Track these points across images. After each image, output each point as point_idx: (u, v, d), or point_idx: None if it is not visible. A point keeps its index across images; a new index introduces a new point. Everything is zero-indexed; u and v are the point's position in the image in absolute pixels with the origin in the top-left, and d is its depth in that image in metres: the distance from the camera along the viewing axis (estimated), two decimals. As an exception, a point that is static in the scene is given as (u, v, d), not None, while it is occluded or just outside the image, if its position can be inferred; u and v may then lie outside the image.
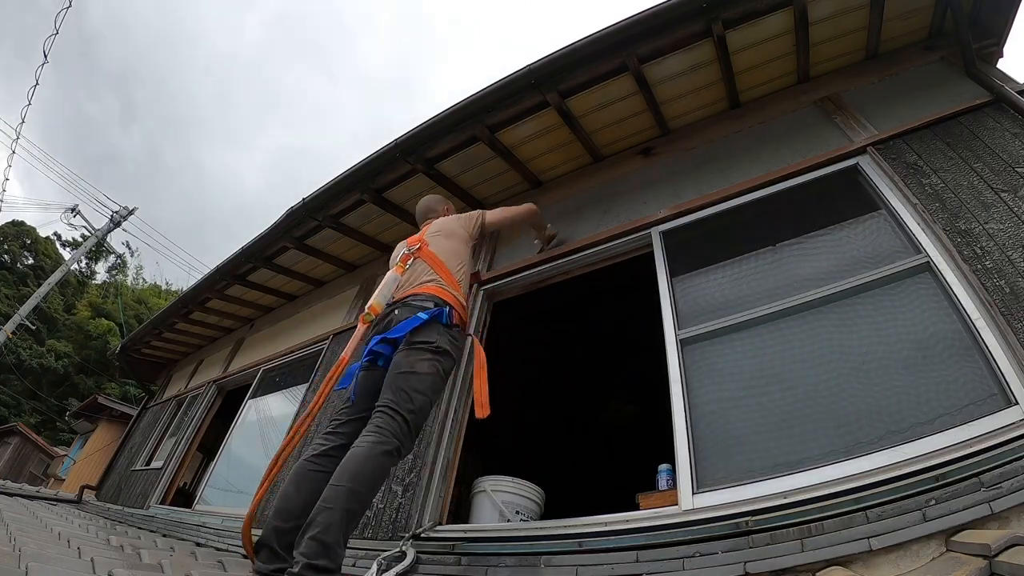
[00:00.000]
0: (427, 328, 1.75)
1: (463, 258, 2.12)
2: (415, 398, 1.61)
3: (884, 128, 2.22)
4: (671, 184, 2.73)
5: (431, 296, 1.86)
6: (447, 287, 1.93)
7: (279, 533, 1.47)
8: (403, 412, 1.57)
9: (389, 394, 1.61)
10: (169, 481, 4.44)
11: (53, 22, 7.45)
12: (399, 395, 1.60)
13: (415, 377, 1.65)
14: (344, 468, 1.46)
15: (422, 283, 1.93)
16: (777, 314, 1.96)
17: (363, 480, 1.43)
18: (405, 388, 1.61)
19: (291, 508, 1.52)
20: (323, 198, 3.35)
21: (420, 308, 1.81)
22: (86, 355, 23.49)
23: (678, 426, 1.86)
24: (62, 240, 27.86)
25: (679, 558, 1.49)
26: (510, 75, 2.60)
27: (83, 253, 15.00)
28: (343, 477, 1.43)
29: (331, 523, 1.33)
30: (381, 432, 1.52)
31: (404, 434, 1.56)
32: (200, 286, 4.80)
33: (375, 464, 1.46)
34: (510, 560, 1.77)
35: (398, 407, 1.57)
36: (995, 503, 1.17)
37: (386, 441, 1.51)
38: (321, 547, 1.29)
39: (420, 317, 1.73)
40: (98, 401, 11.21)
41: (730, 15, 2.29)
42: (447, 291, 1.91)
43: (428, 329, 1.75)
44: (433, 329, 1.76)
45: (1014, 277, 1.58)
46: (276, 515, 1.51)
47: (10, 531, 1.94)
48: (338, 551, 1.33)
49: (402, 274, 1.97)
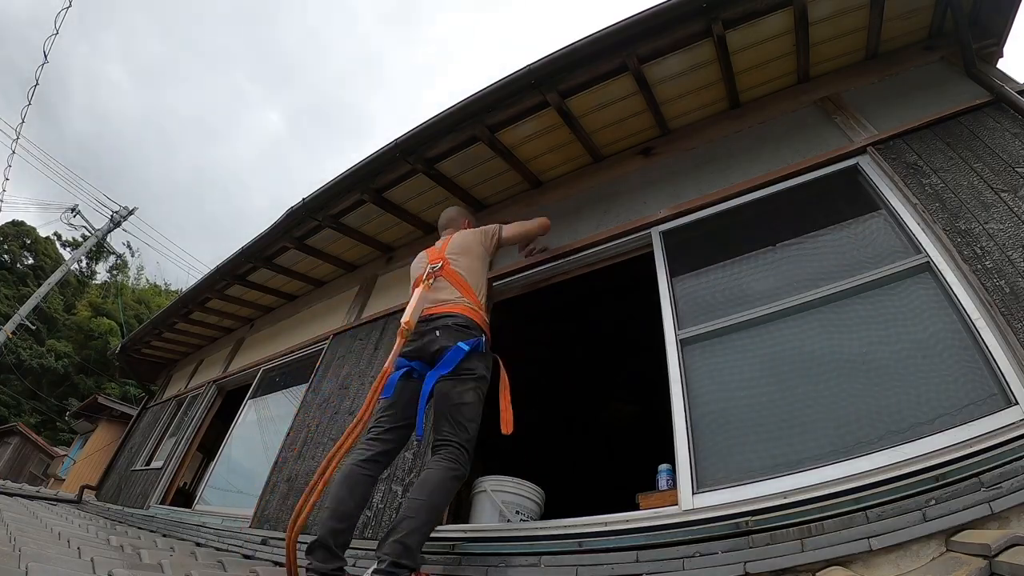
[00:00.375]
0: (469, 358, 1.88)
1: (481, 276, 2.23)
2: (469, 427, 1.80)
3: (884, 128, 2.22)
4: (671, 184, 2.73)
5: (466, 318, 1.98)
6: (475, 307, 2.05)
7: (335, 534, 1.61)
8: (463, 444, 1.76)
9: (447, 427, 1.78)
10: (169, 481, 4.44)
11: (53, 22, 7.45)
12: (458, 428, 1.77)
13: (466, 407, 1.82)
14: (423, 485, 1.64)
15: (452, 303, 2.03)
16: (777, 314, 1.96)
17: (439, 497, 1.63)
18: (461, 420, 1.79)
19: (346, 510, 1.66)
20: (323, 198, 3.35)
21: (457, 330, 1.93)
22: (86, 355, 23.49)
23: (678, 426, 1.86)
24: (62, 240, 27.88)
25: (679, 558, 1.49)
26: (510, 75, 2.60)
27: (83, 253, 15.00)
28: (423, 493, 1.62)
29: (414, 529, 1.52)
30: (453, 461, 1.71)
31: (466, 461, 1.76)
32: (200, 286, 4.79)
33: (448, 487, 1.67)
34: (510, 560, 1.77)
35: (459, 440, 1.76)
36: (995, 503, 1.17)
37: (456, 468, 1.70)
38: (404, 549, 1.47)
39: (463, 349, 1.86)
40: (98, 401, 11.21)
41: (730, 15, 2.29)
42: (477, 312, 2.04)
43: (470, 359, 1.88)
44: (474, 358, 1.90)
45: (1014, 277, 1.58)
46: (332, 516, 1.64)
47: (10, 531, 1.94)
48: (417, 555, 1.52)
49: (428, 291, 2.07)
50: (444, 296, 2.05)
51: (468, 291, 2.09)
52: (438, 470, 1.67)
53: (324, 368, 3.59)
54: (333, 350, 3.67)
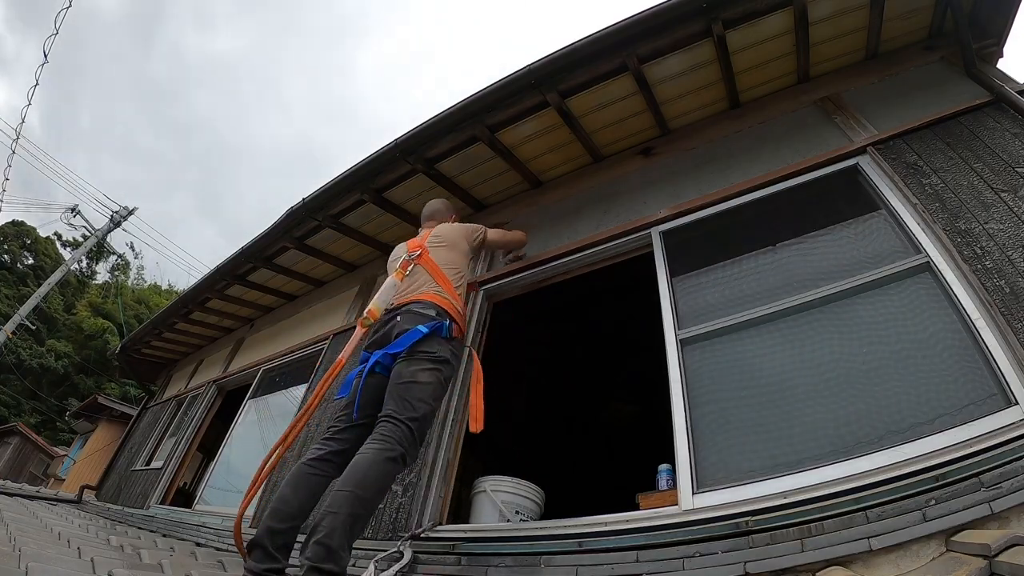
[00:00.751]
0: (428, 340, 1.78)
1: (462, 270, 2.14)
2: (418, 407, 1.65)
3: (884, 128, 2.22)
4: (671, 184, 2.73)
5: (432, 304, 1.88)
6: (447, 296, 1.95)
7: (273, 533, 1.48)
8: (407, 420, 1.61)
9: (392, 404, 1.65)
10: (169, 481, 4.44)
11: (53, 22, 7.45)
12: (402, 404, 1.64)
13: (417, 387, 1.68)
14: (349, 474, 1.48)
15: (423, 291, 1.95)
16: (777, 314, 1.96)
17: (368, 485, 1.45)
18: (408, 398, 1.65)
19: (287, 510, 1.53)
20: (323, 198, 3.35)
21: (422, 316, 1.83)
22: (86, 355, 23.49)
23: (678, 426, 1.85)
24: (62, 240, 27.87)
25: (679, 558, 1.49)
26: (510, 75, 2.60)
27: (83, 253, 15.01)
28: (348, 483, 1.45)
29: (336, 527, 1.35)
30: (386, 439, 1.55)
31: (408, 441, 1.59)
32: (200, 286, 4.79)
33: (380, 470, 1.49)
34: (510, 560, 1.77)
35: (402, 415, 1.61)
36: (995, 503, 1.17)
37: (391, 448, 1.54)
38: (326, 551, 1.31)
39: (420, 331, 1.76)
40: (98, 401, 11.21)
41: (730, 15, 2.29)
42: (447, 300, 1.93)
43: (429, 341, 1.78)
44: (434, 341, 1.79)
45: (1014, 277, 1.58)
46: (271, 516, 1.52)
47: (10, 531, 1.94)
48: (343, 555, 1.35)
49: (402, 280, 1.99)
50: (417, 285, 1.97)
51: (444, 281, 2.00)
52: (368, 453, 1.51)
53: (324, 368, 3.59)
54: (333, 350, 3.67)
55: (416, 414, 1.63)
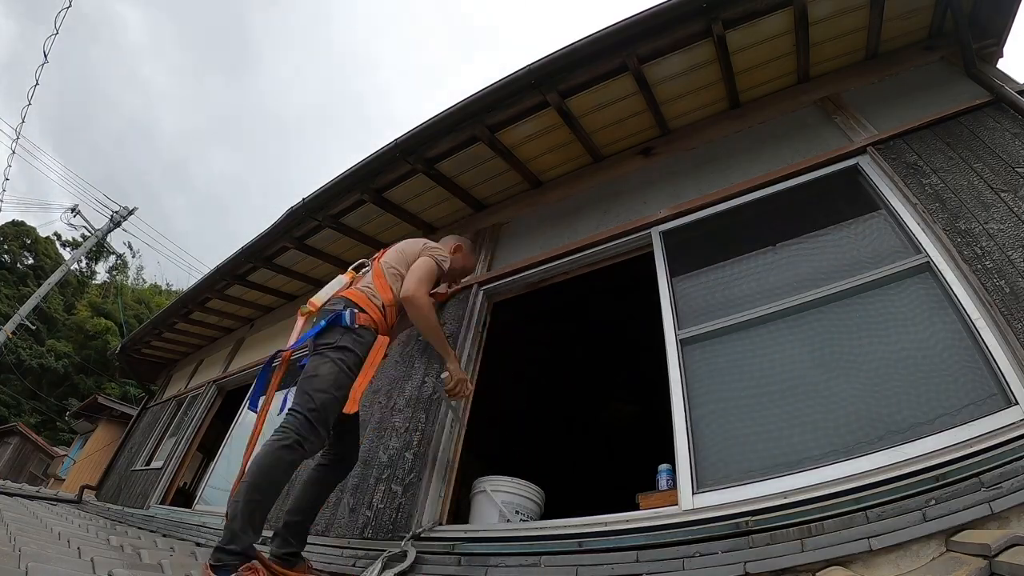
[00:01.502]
0: (327, 332, 1.87)
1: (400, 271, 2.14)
2: (316, 397, 1.74)
3: (884, 128, 2.22)
4: (671, 184, 2.73)
5: (343, 299, 1.96)
6: (369, 294, 2.01)
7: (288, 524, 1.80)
8: (304, 411, 1.71)
9: (296, 396, 1.77)
10: (169, 481, 4.44)
11: (53, 22, 7.45)
12: (302, 397, 1.75)
13: (316, 379, 1.78)
14: (249, 465, 1.63)
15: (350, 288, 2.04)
16: (777, 314, 1.96)
17: (261, 473, 1.59)
18: (308, 390, 1.75)
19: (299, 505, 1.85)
20: (323, 198, 3.35)
21: (329, 311, 1.92)
22: (86, 355, 23.50)
23: (678, 426, 1.86)
24: (62, 240, 27.87)
25: (679, 558, 1.48)
26: (510, 75, 2.60)
27: (83, 253, 15.00)
28: (248, 474, 1.61)
29: (237, 513, 1.53)
30: (283, 430, 1.67)
31: (306, 429, 1.69)
32: (200, 286, 4.80)
33: (271, 459, 1.62)
34: (510, 560, 1.77)
35: (301, 408, 1.72)
36: (995, 503, 1.17)
37: (285, 437, 1.65)
38: (231, 534, 1.50)
39: (320, 325, 1.88)
40: (98, 401, 11.21)
41: (730, 15, 2.29)
42: (364, 297, 1.98)
43: (329, 332, 1.87)
44: (334, 331, 1.87)
45: (1014, 277, 1.58)
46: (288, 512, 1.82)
47: (10, 531, 1.94)
48: (243, 536, 1.51)
49: (350, 279, 2.12)
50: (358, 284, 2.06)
51: (382, 285, 2.05)
52: (265, 445, 1.65)
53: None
54: (333, 350, 3.67)
55: (314, 405, 1.72)
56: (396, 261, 2.15)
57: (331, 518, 2.50)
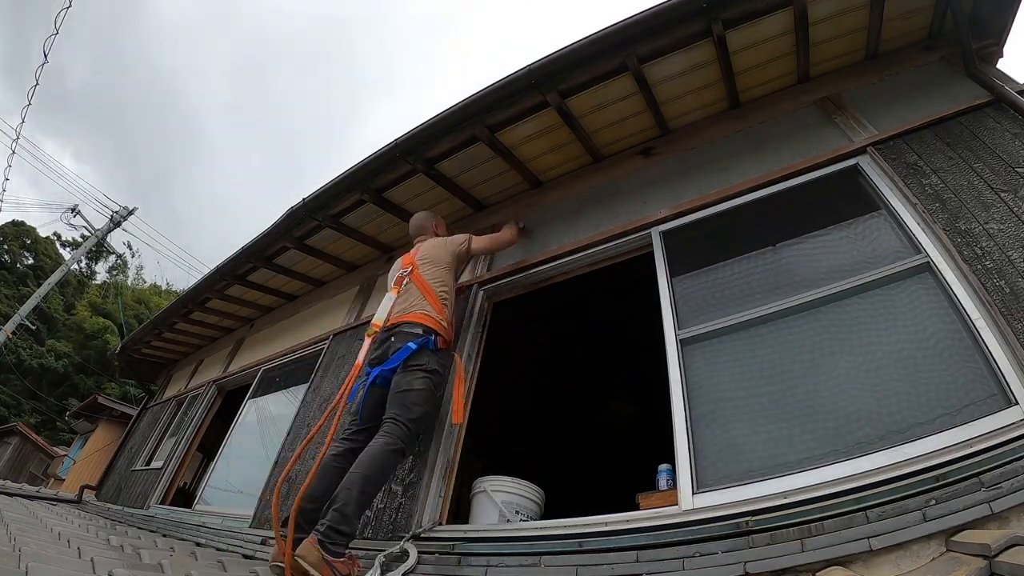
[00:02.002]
0: (418, 354, 2.12)
1: (448, 283, 2.43)
2: (414, 409, 2.01)
3: (884, 128, 2.22)
4: (671, 184, 2.73)
5: (419, 324, 2.20)
6: (433, 313, 2.26)
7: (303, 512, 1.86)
8: (406, 421, 1.97)
9: (395, 408, 2.01)
10: (169, 481, 4.44)
11: (53, 22, 7.45)
12: (402, 408, 2.00)
13: (413, 393, 2.04)
14: (362, 460, 1.87)
15: (413, 310, 2.26)
16: (777, 314, 1.96)
17: (375, 469, 1.84)
18: (406, 403, 2.01)
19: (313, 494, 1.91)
20: (323, 198, 3.35)
21: (411, 335, 2.16)
22: (86, 355, 23.49)
23: (678, 426, 1.86)
24: (62, 240, 27.87)
25: (679, 558, 1.49)
26: (510, 75, 2.60)
27: (83, 253, 15.01)
28: (360, 467, 1.84)
29: (350, 500, 1.75)
30: (390, 435, 1.93)
31: (408, 437, 1.96)
32: (200, 286, 4.79)
33: (384, 459, 1.88)
34: (510, 560, 1.77)
35: (401, 417, 1.97)
36: (995, 503, 1.17)
37: (394, 442, 1.92)
38: (342, 516, 1.71)
39: (410, 347, 2.11)
40: (98, 401, 11.20)
41: (730, 15, 2.29)
42: (433, 317, 2.24)
43: (419, 355, 2.12)
44: (423, 354, 2.13)
45: (1014, 277, 1.58)
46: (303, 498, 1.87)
47: (10, 531, 1.95)
48: (354, 521, 1.75)
49: (398, 294, 2.32)
50: (410, 302, 2.29)
51: (432, 297, 2.31)
52: (376, 445, 1.90)
53: (324, 368, 3.59)
54: (333, 350, 3.67)
55: (413, 415, 1.99)
56: (438, 278, 2.38)
57: (331, 518, 2.50)
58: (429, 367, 2.10)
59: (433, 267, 2.42)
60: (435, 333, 2.19)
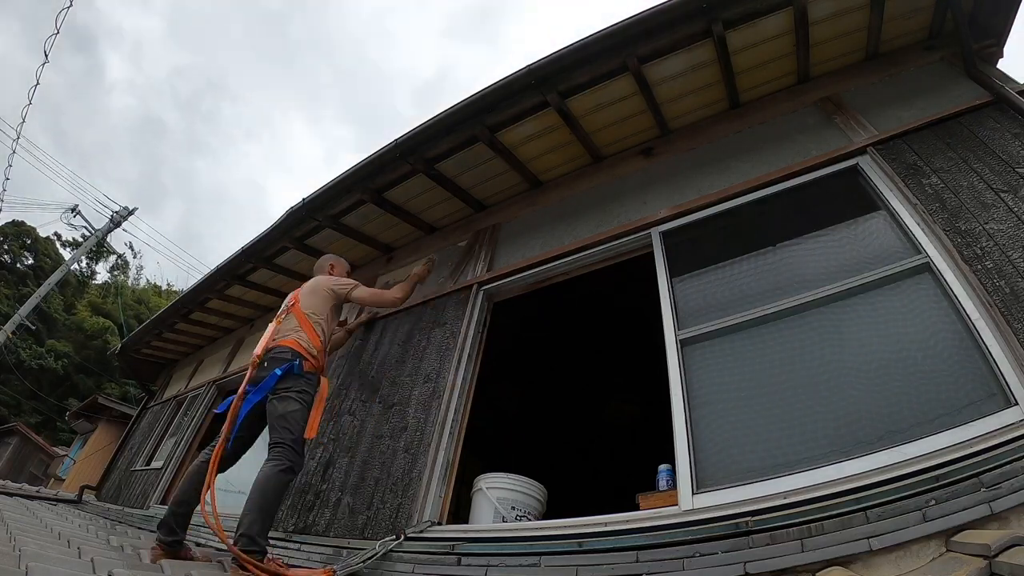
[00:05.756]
0: (284, 378, 2.27)
1: (322, 313, 2.55)
2: (293, 428, 2.16)
3: (884, 128, 2.22)
4: (671, 184, 2.73)
5: (288, 348, 2.35)
6: (304, 340, 2.40)
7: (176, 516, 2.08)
8: (290, 443, 2.12)
9: (276, 434, 2.16)
10: (169, 481, 4.44)
11: (54, 22, 7.45)
12: (283, 432, 2.15)
13: (289, 415, 2.19)
14: (256, 485, 2.03)
15: (287, 336, 2.40)
16: (777, 314, 1.96)
17: (269, 491, 2.01)
18: (287, 426, 2.16)
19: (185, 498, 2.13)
20: (323, 198, 3.35)
21: (279, 360, 2.31)
22: (86, 355, 23.48)
23: (678, 426, 1.86)
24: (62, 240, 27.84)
25: (679, 558, 1.49)
26: (510, 75, 2.60)
27: (83, 253, 15.01)
28: (255, 492, 2.01)
29: (252, 521, 1.94)
30: (279, 459, 2.08)
31: (295, 456, 2.13)
32: (200, 286, 4.79)
33: (276, 480, 2.04)
34: (510, 560, 1.77)
35: (285, 440, 2.13)
36: (995, 503, 1.17)
37: (282, 463, 2.07)
38: (249, 539, 1.90)
39: (276, 374, 2.25)
40: (98, 401, 11.19)
41: (730, 15, 2.29)
42: (302, 344, 2.38)
43: (286, 379, 2.27)
44: (289, 378, 2.28)
45: (1014, 277, 1.58)
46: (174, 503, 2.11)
47: (10, 531, 1.95)
48: (260, 540, 1.93)
49: (279, 325, 2.48)
50: (286, 330, 2.44)
51: (307, 325, 2.47)
52: (267, 469, 2.06)
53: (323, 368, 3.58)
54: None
55: (293, 435, 2.15)
56: (314, 307, 2.53)
57: (331, 518, 2.50)
58: (297, 388, 2.26)
59: (312, 298, 2.58)
60: (301, 357, 2.34)
